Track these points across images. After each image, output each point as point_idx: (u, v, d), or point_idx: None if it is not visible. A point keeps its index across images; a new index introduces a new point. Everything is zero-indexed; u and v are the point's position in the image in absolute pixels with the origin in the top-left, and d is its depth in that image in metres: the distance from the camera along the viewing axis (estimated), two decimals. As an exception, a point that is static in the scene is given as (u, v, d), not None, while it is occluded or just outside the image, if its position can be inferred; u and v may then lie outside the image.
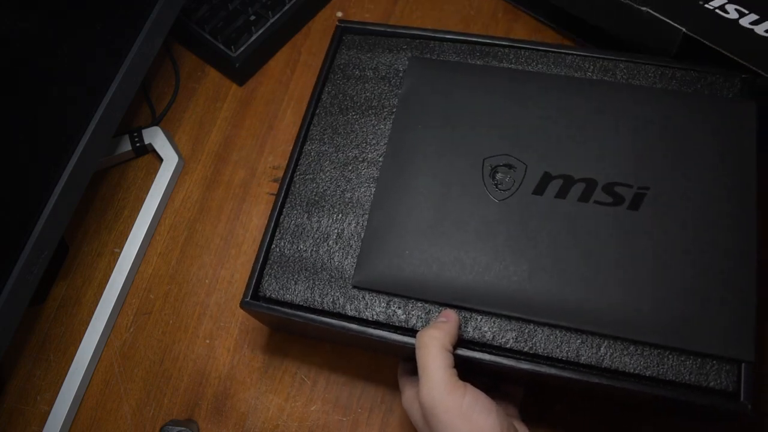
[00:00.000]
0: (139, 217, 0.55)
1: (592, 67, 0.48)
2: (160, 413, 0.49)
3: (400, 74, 0.50)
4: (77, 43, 0.46)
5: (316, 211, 0.46)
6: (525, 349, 0.40)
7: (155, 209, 0.55)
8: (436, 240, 0.43)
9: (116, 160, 0.58)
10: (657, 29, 0.50)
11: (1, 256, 0.43)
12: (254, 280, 0.44)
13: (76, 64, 0.47)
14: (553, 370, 0.38)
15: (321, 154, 0.48)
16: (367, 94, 0.50)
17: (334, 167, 0.48)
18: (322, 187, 0.47)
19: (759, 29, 0.50)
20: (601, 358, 0.39)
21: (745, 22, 0.50)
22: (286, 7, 0.61)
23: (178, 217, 0.56)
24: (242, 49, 0.59)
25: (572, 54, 0.48)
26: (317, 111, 0.50)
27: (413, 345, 0.39)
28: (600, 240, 0.41)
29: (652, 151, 0.43)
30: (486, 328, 0.41)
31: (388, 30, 0.52)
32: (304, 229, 0.46)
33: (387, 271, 0.43)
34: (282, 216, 0.46)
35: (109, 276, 0.53)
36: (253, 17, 0.60)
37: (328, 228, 0.45)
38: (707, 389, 0.38)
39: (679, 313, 0.39)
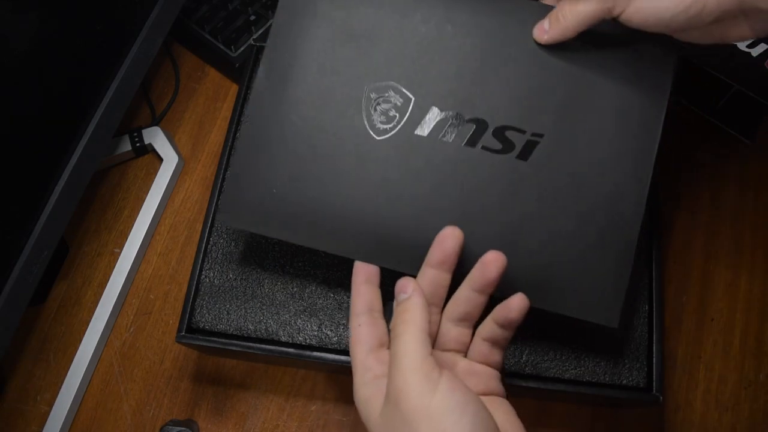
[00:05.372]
0: (139, 217, 0.55)
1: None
2: (160, 413, 0.49)
3: None
4: (77, 43, 0.46)
5: (243, 238, 0.46)
6: None
7: (155, 209, 0.55)
8: (305, 178, 0.39)
9: (116, 160, 0.58)
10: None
11: (1, 256, 0.43)
12: (187, 314, 0.44)
13: (76, 64, 0.47)
14: None
15: None
16: None
17: None
18: None
19: (741, 45, 0.50)
20: (524, 365, 0.41)
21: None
22: (286, 7, 0.61)
23: (178, 217, 0.56)
24: (242, 49, 0.59)
25: None
26: (238, 134, 0.49)
27: (349, 364, 0.39)
28: (481, 191, 0.38)
29: (554, 95, 0.38)
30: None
31: None
32: (232, 257, 0.46)
33: (253, 209, 0.40)
34: (209, 245, 0.46)
35: (109, 276, 0.53)
36: (253, 17, 0.60)
37: (256, 255, 0.45)
38: (621, 386, 0.41)
39: (554, 275, 0.38)
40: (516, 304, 0.34)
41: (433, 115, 0.39)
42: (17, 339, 0.51)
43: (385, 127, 0.39)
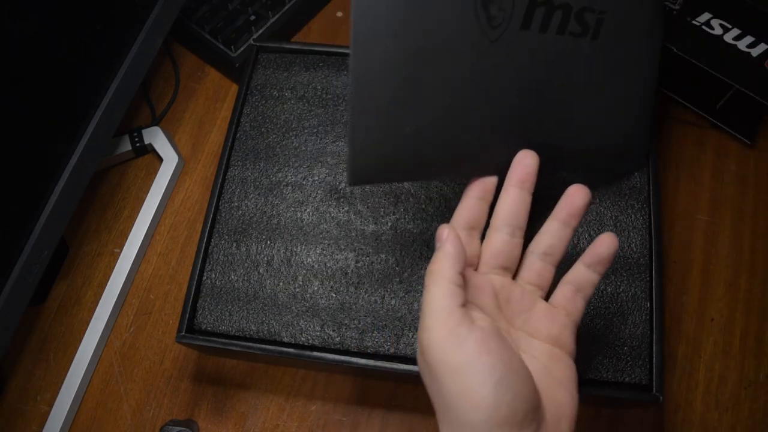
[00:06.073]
0: (139, 217, 0.55)
1: None
2: (160, 413, 0.49)
3: (318, 93, 0.50)
4: (77, 43, 0.46)
5: (244, 239, 0.46)
6: None
7: (155, 209, 0.55)
8: (432, 108, 0.35)
9: (116, 160, 0.58)
10: None
11: (1, 256, 0.43)
12: (187, 314, 0.44)
13: (76, 64, 0.47)
14: None
15: (245, 180, 0.48)
16: (287, 115, 0.49)
17: (259, 193, 0.47)
18: (248, 214, 0.47)
19: (741, 45, 0.51)
20: None
21: (728, 38, 0.51)
22: (286, 7, 0.61)
23: (178, 217, 0.56)
24: (242, 49, 0.59)
25: None
26: (238, 135, 0.49)
27: (350, 364, 0.40)
28: (576, 78, 0.38)
29: None
30: None
31: (304, 48, 0.52)
32: (233, 258, 0.46)
33: (391, 157, 0.35)
34: (210, 247, 0.46)
35: (109, 276, 0.53)
36: (253, 17, 0.60)
37: (258, 256, 0.46)
38: (623, 384, 0.41)
39: (596, 138, 0.41)
40: (606, 241, 0.35)
41: (532, 5, 0.35)
42: (17, 339, 0.51)
43: (495, 27, 0.34)
